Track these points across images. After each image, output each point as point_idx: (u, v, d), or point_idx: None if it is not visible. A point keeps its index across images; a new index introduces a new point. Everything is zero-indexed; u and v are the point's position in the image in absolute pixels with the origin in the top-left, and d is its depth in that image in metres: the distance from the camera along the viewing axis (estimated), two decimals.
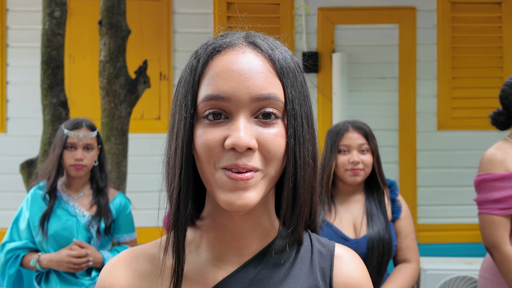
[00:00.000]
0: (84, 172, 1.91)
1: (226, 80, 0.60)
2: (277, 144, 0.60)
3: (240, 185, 0.58)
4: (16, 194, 3.33)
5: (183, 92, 0.63)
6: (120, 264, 0.68)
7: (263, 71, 0.61)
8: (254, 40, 0.64)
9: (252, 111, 0.60)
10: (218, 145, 0.59)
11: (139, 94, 2.59)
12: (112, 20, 2.51)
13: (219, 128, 0.60)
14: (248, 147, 0.58)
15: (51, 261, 1.83)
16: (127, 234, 2.03)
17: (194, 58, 0.64)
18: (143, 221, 2.69)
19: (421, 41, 3.65)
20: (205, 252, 0.66)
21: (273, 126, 0.61)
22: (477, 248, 3.38)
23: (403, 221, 1.77)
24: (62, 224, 1.87)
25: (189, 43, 3.62)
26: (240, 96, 0.59)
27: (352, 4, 3.65)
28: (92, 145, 1.92)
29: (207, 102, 0.60)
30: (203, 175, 0.62)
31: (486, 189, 1.74)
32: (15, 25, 3.60)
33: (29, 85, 3.52)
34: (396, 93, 3.65)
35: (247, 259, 0.65)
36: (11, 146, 3.52)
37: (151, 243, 0.70)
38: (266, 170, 0.60)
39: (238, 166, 0.58)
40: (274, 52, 0.63)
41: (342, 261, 0.67)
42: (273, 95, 0.60)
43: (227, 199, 0.59)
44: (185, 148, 0.61)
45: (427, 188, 3.65)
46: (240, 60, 0.61)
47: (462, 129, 3.64)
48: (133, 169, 3.13)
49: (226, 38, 0.64)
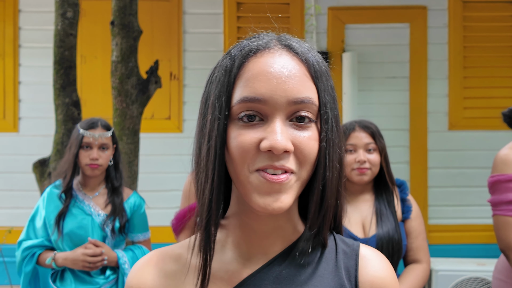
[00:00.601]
0: (99, 172, 1.93)
1: (263, 82, 0.60)
2: (312, 147, 0.61)
3: (275, 187, 0.59)
4: (29, 193, 3.36)
5: (216, 93, 0.63)
6: (147, 265, 0.69)
7: (299, 74, 0.62)
8: (290, 43, 0.65)
9: (288, 114, 0.61)
10: (253, 147, 0.60)
11: (151, 94, 2.60)
12: (124, 20, 2.53)
13: (254, 130, 0.60)
14: (285, 150, 0.59)
15: (66, 260, 1.84)
16: (141, 234, 2.04)
17: (228, 59, 0.64)
18: (154, 220, 2.71)
19: (432, 41, 3.63)
20: (230, 251, 0.67)
21: (307, 130, 0.62)
22: (489, 249, 3.35)
23: (414, 221, 1.76)
24: (77, 223, 1.89)
25: (199, 43, 3.64)
26: (277, 99, 0.60)
27: (362, 4, 3.63)
28: (108, 144, 1.93)
29: (243, 104, 0.61)
30: (236, 176, 0.62)
31: (500, 190, 1.72)
32: (28, 25, 3.63)
33: (41, 85, 3.55)
34: (407, 93, 3.63)
35: (271, 258, 0.66)
36: (24, 146, 3.56)
37: (179, 244, 0.71)
38: (300, 173, 0.61)
39: (275, 166, 0.59)
40: (309, 55, 0.64)
41: (368, 260, 0.67)
42: (309, 98, 0.61)
43: (262, 202, 0.60)
44: (218, 149, 0.61)
45: (438, 189, 3.62)
46: (277, 63, 0.62)
47: (473, 129, 3.61)
48: (143, 168, 3.15)
49: (260, 40, 0.65)
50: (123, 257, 1.91)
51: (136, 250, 1.97)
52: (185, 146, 2.89)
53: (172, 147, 3.58)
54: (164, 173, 3.58)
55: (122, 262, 1.89)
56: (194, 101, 3.63)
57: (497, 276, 1.79)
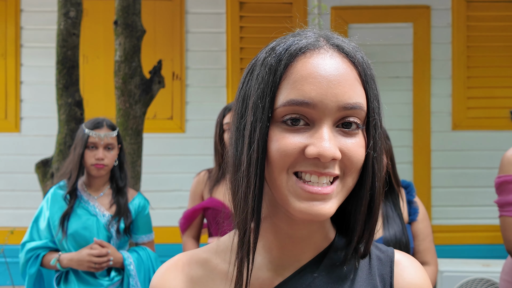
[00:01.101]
0: (105, 172, 1.92)
1: (313, 85, 0.56)
2: (360, 154, 0.58)
3: (319, 196, 0.57)
4: (31, 193, 3.35)
5: (259, 93, 0.58)
6: (172, 269, 0.67)
7: (350, 78, 0.58)
8: (340, 43, 0.60)
9: (336, 119, 0.57)
10: (296, 152, 0.56)
11: (154, 94, 2.59)
12: (127, 20, 2.52)
13: (299, 135, 0.57)
14: (333, 158, 0.56)
15: (72, 261, 1.83)
16: (145, 235, 2.02)
17: (272, 57, 0.59)
18: (157, 220, 2.70)
19: (435, 40, 3.62)
20: (261, 256, 0.65)
21: (355, 136, 0.58)
22: (494, 249, 3.34)
23: (421, 223, 1.75)
24: (82, 224, 1.87)
25: (202, 43, 3.62)
26: (327, 104, 0.56)
27: (365, 3, 3.62)
28: (113, 144, 1.92)
29: (289, 107, 0.57)
30: (272, 181, 0.59)
31: (507, 190, 1.70)
32: (30, 25, 3.62)
33: (43, 85, 3.54)
34: (410, 93, 3.62)
35: (302, 264, 0.64)
36: (26, 146, 3.55)
37: (204, 248, 0.69)
38: (345, 180, 0.59)
39: (320, 173, 0.56)
40: (359, 57, 0.60)
41: (403, 267, 0.65)
42: (359, 104, 0.58)
43: (303, 208, 0.57)
44: (261, 153, 0.57)
45: (441, 189, 3.61)
46: (328, 65, 0.57)
47: (477, 129, 3.60)
48: (145, 168, 3.13)
49: (307, 38, 0.60)
50: (129, 258, 1.89)
51: (140, 252, 1.96)
52: (187, 146, 2.90)
53: (174, 147, 3.57)
54: (166, 173, 3.57)
55: (128, 263, 1.88)
56: (197, 101, 3.62)
57: (504, 277, 1.77)
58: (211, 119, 2.39)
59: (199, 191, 2.07)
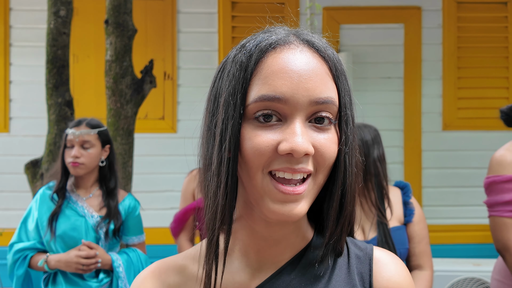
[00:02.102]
0: (82, 171, 1.87)
1: (284, 80, 0.56)
2: (332, 150, 0.58)
3: (291, 197, 0.56)
4: (21, 194, 3.31)
5: (230, 90, 0.58)
6: (149, 277, 0.66)
7: (321, 73, 0.58)
8: (310, 38, 0.60)
9: (308, 114, 0.57)
10: (270, 149, 0.56)
11: (145, 94, 2.57)
12: (118, 19, 2.50)
13: (271, 131, 0.56)
14: (306, 153, 0.55)
15: (60, 262, 1.81)
16: (136, 236, 2.00)
17: (243, 54, 0.59)
18: (149, 221, 2.68)
19: (426, 41, 3.64)
20: (237, 260, 0.64)
21: (327, 131, 0.58)
22: (484, 249, 3.37)
23: (417, 225, 1.73)
24: (70, 224, 1.85)
25: (193, 43, 3.61)
26: (298, 99, 0.56)
27: (357, 4, 3.63)
28: (90, 143, 1.87)
29: (260, 103, 0.56)
30: (248, 180, 0.58)
31: (496, 191, 1.72)
32: (19, 24, 3.58)
33: (32, 84, 3.50)
34: (401, 93, 3.64)
35: (280, 266, 0.63)
36: (15, 146, 3.51)
37: (182, 254, 0.68)
38: (316, 177, 0.58)
39: (294, 169, 0.56)
40: (329, 52, 0.60)
41: (382, 264, 0.64)
42: (331, 99, 0.57)
43: (276, 209, 0.56)
44: (233, 151, 0.56)
45: (432, 189, 3.63)
46: (299, 60, 0.57)
47: (467, 130, 3.63)
48: (136, 169, 3.11)
49: (278, 34, 0.60)
50: (118, 260, 1.87)
51: (130, 253, 1.94)
52: (179, 146, 2.88)
53: (166, 148, 3.55)
54: (157, 174, 3.55)
55: (116, 265, 1.85)
56: (188, 101, 3.60)
57: (495, 277, 1.79)
58: None
59: (191, 190, 2.05)
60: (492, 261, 2.78)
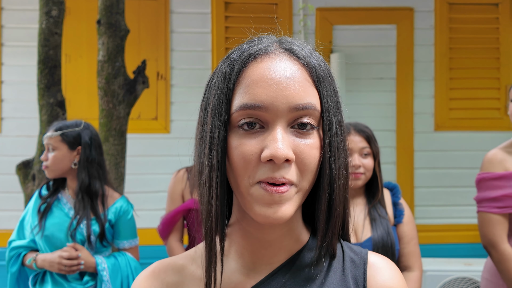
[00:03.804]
0: (51, 173, 1.85)
1: (263, 89, 0.58)
2: (312, 156, 0.59)
3: (276, 198, 0.58)
4: (12, 195, 3.29)
5: (216, 100, 0.61)
6: (149, 277, 0.68)
7: (300, 79, 0.60)
8: (291, 46, 0.62)
9: (289, 121, 0.59)
10: (254, 158, 0.58)
11: (138, 95, 2.57)
12: (111, 19, 2.49)
13: (255, 139, 0.59)
14: (286, 159, 0.57)
15: (45, 261, 1.81)
16: (127, 241, 1.94)
17: (227, 64, 0.62)
18: (141, 222, 2.67)
19: (418, 42, 3.66)
20: (233, 261, 0.66)
21: (309, 137, 0.60)
22: (475, 248, 3.39)
23: (406, 225, 1.74)
24: (58, 225, 1.85)
25: (186, 43, 3.60)
26: (278, 106, 0.58)
27: (350, 5, 3.64)
28: (53, 145, 1.85)
29: (243, 111, 0.59)
30: (236, 187, 0.60)
31: (484, 187, 1.76)
32: (11, 24, 3.56)
33: (25, 84, 3.48)
34: (393, 94, 3.66)
35: (275, 268, 0.64)
36: (7, 147, 3.49)
37: (182, 255, 0.70)
38: (301, 184, 0.59)
39: (275, 179, 0.57)
40: (310, 59, 0.62)
41: (376, 269, 0.65)
42: (311, 104, 0.59)
43: (262, 212, 0.58)
44: (220, 158, 0.59)
45: (424, 189, 3.66)
46: (278, 68, 0.59)
47: (459, 130, 3.65)
48: (129, 169, 3.10)
49: (260, 44, 0.63)
50: (102, 263, 1.83)
51: (119, 258, 1.89)
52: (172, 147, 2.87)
53: (159, 148, 3.54)
54: (150, 174, 3.54)
55: (101, 269, 1.82)
56: (182, 101, 3.59)
57: (484, 275, 1.81)
58: (196, 120, 2.37)
59: (179, 191, 2.02)
60: (483, 261, 2.80)
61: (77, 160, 1.88)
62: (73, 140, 1.88)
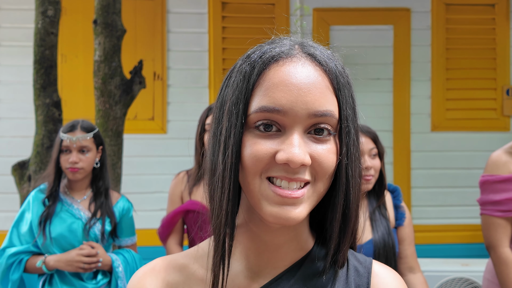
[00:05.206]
0: (81, 175, 1.88)
1: (283, 93, 0.58)
2: (330, 160, 0.59)
3: (289, 201, 0.57)
4: (7, 196, 3.27)
5: (233, 99, 0.60)
6: (149, 273, 0.67)
7: (321, 86, 0.59)
8: (313, 51, 0.62)
9: (307, 126, 0.58)
10: (267, 157, 0.57)
11: (135, 95, 2.56)
12: (107, 19, 2.48)
13: (270, 140, 0.58)
14: (302, 164, 0.56)
15: (59, 261, 1.80)
16: (129, 238, 2.01)
17: (247, 64, 0.61)
18: (138, 222, 2.66)
19: (415, 43, 3.67)
20: (238, 262, 0.65)
21: (326, 143, 0.59)
22: (472, 248, 3.40)
23: (407, 228, 1.75)
24: (67, 227, 1.84)
25: (183, 43, 3.59)
26: (297, 111, 0.57)
27: (347, 5, 3.65)
28: (88, 147, 1.87)
29: (261, 113, 0.58)
30: (246, 185, 0.60)
31: (488, 190, 1.75)
32: (7, 23, 3.54)
33: (20, 84, 3.46)
34: (390, 94, 3.66)
35: (280, 272, 0.64)
36: (2, 147, 3.46)
37: (183, 253, 0.69)
38: (316, 185, 0.59)
39: (290, 178, 0.57)
40: (331, 66, 0.61)
41: (380, 278, 0.65)
42: (330, 112, 0.59)
43: (274, 212, 0.57)
44: (234, 158, 0.59)
45: (421, 189, 3.66)
46: (299, 73, 0.59)
47: (456, 130, 3.66)
48: (126, 170, 3.09)
49: (282, 46, 0.62)
50: (117, 260, 1.88)
51: (125, 254, 1.95)
52: (169, 147, 2.86)
53: (155, 148, 3.53)
54: (147, 175, 3.52)
55: (116, 266, 1.86)
56: (178, 101, 3.58)
57: (486, 276, 1.82)
58: (193, 120, 2.36)
59: (178, 193, 2.03)
60: (480, 261, 2.81)
61: (98, 159, 1.91)
62: (99, 140, 1.93)
